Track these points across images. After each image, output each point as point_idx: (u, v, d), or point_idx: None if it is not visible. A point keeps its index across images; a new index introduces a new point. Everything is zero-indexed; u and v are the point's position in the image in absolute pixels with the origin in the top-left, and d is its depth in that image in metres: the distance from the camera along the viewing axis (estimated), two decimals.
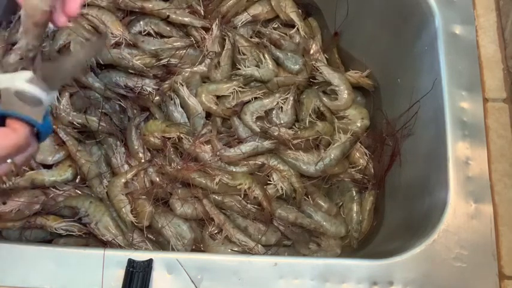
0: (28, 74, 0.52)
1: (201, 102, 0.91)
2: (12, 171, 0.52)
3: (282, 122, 0.91)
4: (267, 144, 0.87)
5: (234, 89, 0.91)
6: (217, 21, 0.95)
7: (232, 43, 0.94)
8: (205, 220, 0.84)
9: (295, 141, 0.88)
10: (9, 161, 0.50)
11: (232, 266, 0.64)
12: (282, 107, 0.91)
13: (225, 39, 0.95)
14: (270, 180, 0.88)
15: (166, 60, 0.93)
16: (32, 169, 0.87)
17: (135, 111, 0.92)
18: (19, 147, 0.50)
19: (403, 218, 0.81)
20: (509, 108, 0.74)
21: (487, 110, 0.73)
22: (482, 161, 0.70)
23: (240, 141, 0.89)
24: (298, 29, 0.98)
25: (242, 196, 0.85)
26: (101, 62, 0.92)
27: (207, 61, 0.96)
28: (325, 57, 1.01)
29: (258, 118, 0.92)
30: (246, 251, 0.82)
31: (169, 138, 0.87)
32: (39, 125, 0.51)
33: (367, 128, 0.95)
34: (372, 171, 0.92)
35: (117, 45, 0.93)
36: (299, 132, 0.89)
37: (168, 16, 0.95)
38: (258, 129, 0.89)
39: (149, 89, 0.92)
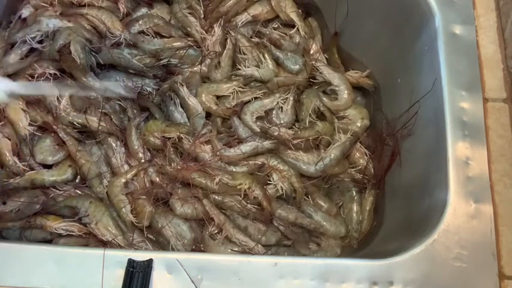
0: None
1: (201, 102, 0.91)
2: None
3: (282, 122, 0.91)
4: (267, 144, 0.87)
5: (234, 89, 0.91)
6: (220, 21, 0.95)
7: (234, 43, 0.94)
8: (205, 220, 0.84)
9: (295, 141, 0.88)
10: None
11: (232, 266, 0.64)
12: (282, 107, 0.91)
13: (226, 39, 0.95)
14: (270, 180, 0.88)
15: (166, 60, 0.93)
16: (32, 169, 0.87)
17: (135, 111, 0.92)
18: None
19: (403, 218, 0.81)
20: (509, 108, 0.74)
21: (487, 110, 0.73)
22: (482, 161, 0.70)
23: (240, 141, 0.89)
24: (298, 29, 0.98)
25: (242, 196, 0.85)
26: (101, 62, 0.92)
27: (207, 61, 0.96)
28: (325, 57, 1.01)
29: (258, 118, 0.92)
30: (246, 251, 0.82)
31: (169, 138, 0.87)
32: None
33: (367, 128, 0.95)
34: (372, 171, 0.92)
35: (117, 45, 0.93)
36: (299, 132, 0.89)
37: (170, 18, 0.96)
38: (258, 129, 0.89)
39: (149, 89, 0.92)
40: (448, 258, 0.65)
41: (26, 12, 0.93)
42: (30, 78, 0.89)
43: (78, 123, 0.89)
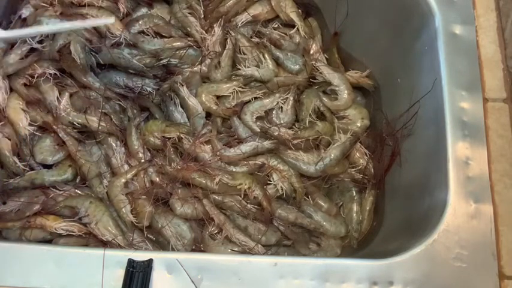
0: None
1: (201, 102, 0.91)
2: None
3: (282, 122, 0.91)
4: (267, 144, 0.87)
5: (234, 89, 0.91)
6: (220, 21, 0.95)
7: (234, 43, 0.94)
8: (205, 220, 0.84)
9: (295, 141, 0.88)
10: None
11: (232, 266, 0.64)
12: (282, 107, 0.91)
13: (226, 39, 0.95)
14: (270, 180, 0.88)
15: (166, 60, 0.93)
16: (32, 169, 0.87)
17: (135, 111, 0.92)
18: None
19: (403, 218, 0.81)
20: (509, 108, 0.74)
21: (487, 110, 0.73)
22: (482, 161, 0.70)
23: (240, 141, 0.89)
24: (298, 29, 0.98)
25: (242, 196, 0.85)
26: (101, 62, 0.92)
27: (207, 61, 0.96)
28: (325, 57, 1.01)
29: (258, 118, 0.92)
30: (246, 251, 0.82)
31: (169, 138, 0.87)
32: None
33: (367, 128, 0.95)
34: (372, 171, 0.92)
35: (117, 45, 0.93)
36: (299, 132, 0.89)
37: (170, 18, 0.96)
38: (258, 129, 0.89)
39: (149, 89, 0.92)
40: (448, 258, 0.65)
41: (26, 12, 0.93)
42: (30, 78, 0.89)
43: (78, 123, 0.89)
